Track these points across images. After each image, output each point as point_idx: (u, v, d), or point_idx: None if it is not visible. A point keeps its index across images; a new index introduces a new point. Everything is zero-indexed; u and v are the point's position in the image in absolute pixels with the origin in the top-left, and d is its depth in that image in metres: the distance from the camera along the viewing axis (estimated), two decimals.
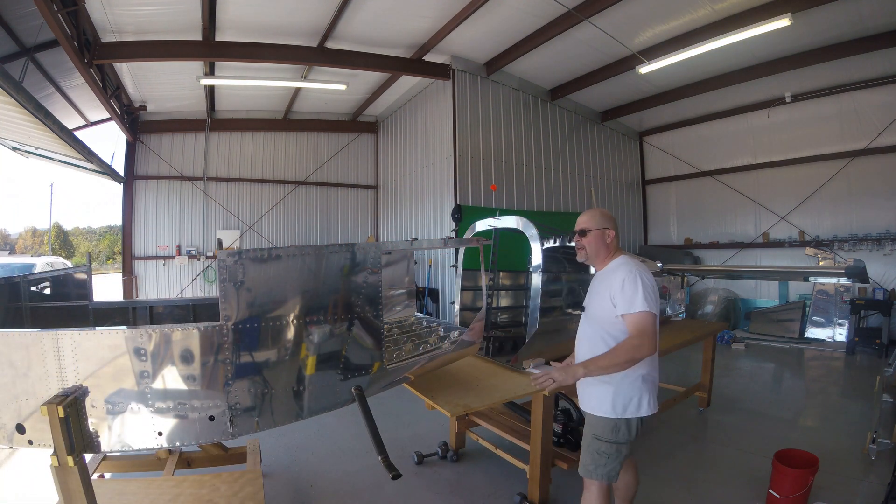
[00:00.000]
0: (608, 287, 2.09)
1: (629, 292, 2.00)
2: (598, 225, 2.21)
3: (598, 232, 2.21)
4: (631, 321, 2.00)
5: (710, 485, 3.25)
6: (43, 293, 3.58)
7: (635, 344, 1.97)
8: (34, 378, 1.73)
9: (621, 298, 2.01)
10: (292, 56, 7.09)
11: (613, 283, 2.06)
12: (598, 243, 2.21)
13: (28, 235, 40.00)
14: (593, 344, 2.13)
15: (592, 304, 2.21)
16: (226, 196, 10.16)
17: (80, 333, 1.72)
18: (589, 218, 2.25)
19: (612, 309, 2.05)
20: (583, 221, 2.24)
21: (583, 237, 2.21)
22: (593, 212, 2.29)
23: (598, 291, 2.17)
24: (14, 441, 1.79)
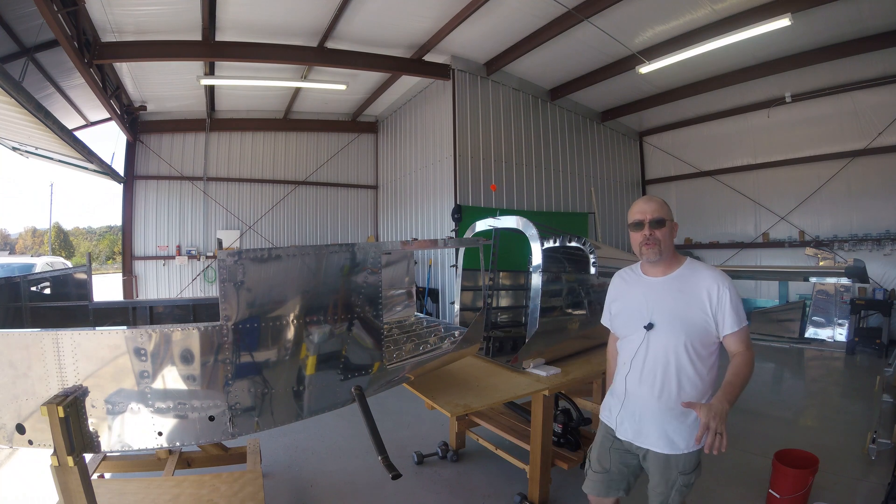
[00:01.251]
0: (695, 297, 1.75)
1: (737, 306, 1.72)
2: (670, 215, 1.82)
3: (673, 224, 1.84)
4: (741, 336, 1.74)
5: (710, 485, 3.25)
6: (43, 293, 3.58)
7: (752, 359, 1.74)
8: (34, 378, 1.73)
9: (732, 315, 1.71)
10: (292, 56, 7.09)
11: (702, 292, 1.74)
12: (671, 238, 1.83)
13: (28, 235, 40.01)
14: (670, 363, 1.76)
15: (668, 317, 1.77)
16: (226, 196, 10.16)
17: (80, 333, 1.72)
18: (659, 206, 1.83)
19: (707, 324, 1.73)
20: (653, 209, 1.81)
21: (657, 229, 1.79)
22: (657, 199, 1.87)
23: (674, 301, 1.78)
24: (14, 441, 1.79)
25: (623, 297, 1.96)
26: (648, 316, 1.80)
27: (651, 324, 1.78)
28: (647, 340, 1.79)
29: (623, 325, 1.93)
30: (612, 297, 2.04)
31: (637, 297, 1.87)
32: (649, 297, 1.83)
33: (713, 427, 1.52)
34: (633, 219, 1.84)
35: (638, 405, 1.82)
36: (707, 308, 1.73)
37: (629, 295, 1.92)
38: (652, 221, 1.80)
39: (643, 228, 1.80)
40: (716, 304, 1.72)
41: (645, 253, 1.82)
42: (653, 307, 1.80)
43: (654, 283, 1.85)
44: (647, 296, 1.84)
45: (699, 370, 1.75)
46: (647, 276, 1.88)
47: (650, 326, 1.78)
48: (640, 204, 1.84)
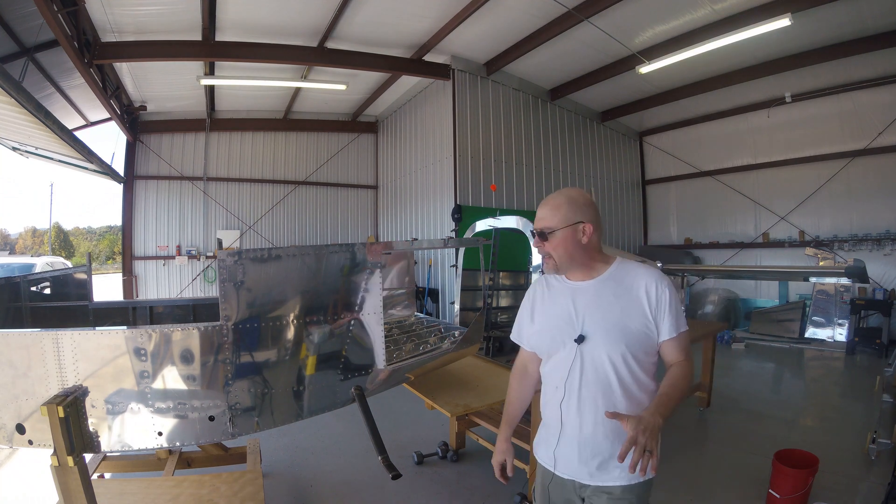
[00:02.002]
0: (632, 299, 1.50)
1: (676, 308, 1.50)
2: (566, 220, 1.50)
3: (568, 231, 1.50)
4: (681, 343, 1.53)
5: (710, 485, 3.25)
6: (43, 293, 3.58)
7: (691, 370, 1.54)
8: (34, 378, 1.73)
9: (671, 318, 1.48)
10: (292, 56, 7.09)
11: (639, 293, 1.49)
12: (570, 247, 1.51)
13: (28, 235, 40.02)
14: (611, 380, 1.48)
15: (602, 325, 1.50)
16: (226, 196, 10.16)
17: (80, 333, 1.72)
18: (551, 211, 1.53)
19: (648, 328, 1.49)
20: (542, 217, 1.54)
21: (545, 241, 1.52)
22: (557, 200, 1.54)
23: (609, 306, 1.51)
24: (14, 441, 1.79)
25: (546, 308, 1.61)
26: (579, 327, 1.50)
27: (582, 336, 1.48)
28: (579, 356, 1.49)
29: (549, 342, 1.57)
30: (530, 308, 1.67)
31: (564, 307, 1.54)
32: (578, 305, 1.52)
33: (641, 442, 1.28)
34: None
35: (580, 435, 1.50)
36: (647, 310, 1.48)
37: (554, 305, 1.58)
38: (538, 233, 1.53)
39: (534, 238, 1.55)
40: (655, 306, 1.49)
41: (543, 266, 1.58)
42: (583, 316, 1.50)
43: (582, 288, 1.55)
44: (575, 303, 1.53)
45: (645, 382, 1.51)
46: (573, 282, 1.57)
47: (581, 339, 1.48)
48: (539, 208, 1.57)
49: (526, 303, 1.69)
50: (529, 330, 1.66)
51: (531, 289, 1.71)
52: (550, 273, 1.57)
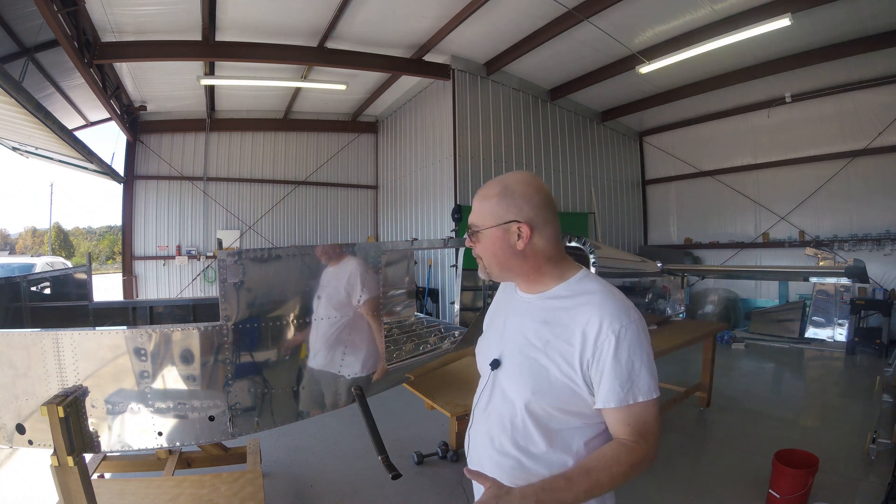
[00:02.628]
0: (559, 338, 1.07)
1: (627, 367, 1.03)
2: (494, 217, 1.11)
3: (497, 232, 1.11)
4: (630, 419, 1.07)
5: (710, 485, 3.25)
6: (43, 293, 3.58)
7: (637, 460, 1.07)
8: (34, 378, 1.73)
9: (612, 379, 1.02)
10: (292, 56, 7.09)
11: (573, 333, 1.05)
12: (501, 252, 1.13)
13: (28, 235, 40.03)
14: (517, 425, 1.11)
15: (516, 356, 1.14)
16: (226, 196, 10.16)
17: (80, 333, 1.72)
18: (479, 203, 1.15)
19: (570, 383, 1.06)
20: (473, 210, 1.17)
21: (474, 241, 1.17)
22: (489, 189, 1.14)
23: (532, 335, 1.12)
24: (14, 441, 1.79)
25: (491, 318, 1.34)
26: (500, 348, 1.18)
27: (497, 361, 1.17)
28: (492, 383, 1.18)
29: (479, 354, 1.30)
30: (487, 315, 1.38)
31: (500, 320, 1.25)
32: (509, 322, 1.21)
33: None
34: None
35: (477, 467, 1.23)
36: (574, 360, 1.04)
37: (499, 314, 1.29)
38: (468, 229, 1.18)
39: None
40: (590, 357, 1.03)
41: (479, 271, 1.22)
42: (507, 337, 1.18)
43: (522, 303, 1.20)
44: (507, 319, 1.22)
45: (559, 444, 1.08)
46: (520, 292, 1.22)
47: (496, 364, 1.17)
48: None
49: (489, 309, 1.39)
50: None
51: (496, 294, 1.39)
52: (482, 276, 1.22)
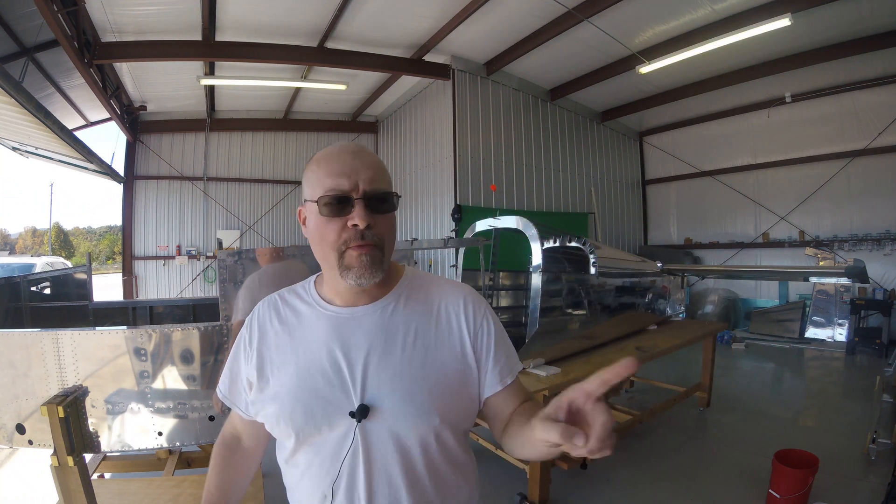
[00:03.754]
0: (446, 336, 0.93)
1: (507, 339, 1.00)
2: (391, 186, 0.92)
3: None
4: (520, 388, 0.99)
5: (710, 485, 3.25)
6: (43, 293, 3.58)
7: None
8: (34, 378, 1.73)
9: (501, 355, 0.96)
10: (292, 56, 7.08)
11: (453, 325, 0.94)
12: (393, 237, 0.93)
13: (28, 235, 40.04)
14: (418, 476, 0.88)
15: (401, 386, 0.87)
16: (226, 196, 10.16)
17: (80, 333, 1.72)
18: (382, 170, 0.91)
19: (469, 382, 0.94)
20: (369, 169, 0.88)
21: (379, 213, 0.88)
22: (370, 152, 0.92)
23: (409, 352, 0.90)
24: (14, 441, 1.79)
25: (287, 354, 0.93)
26: (356, 391, 0.86)
27: (365, 407, 0.85)
28: (358, 442, 0.85)
29: (301, 417, 0.87)
30: (253, 351, 0.96)
31: (322, 353, 0.90)
32: (352, 350, 0.89)
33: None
34: (326, 186, 0.85)
35: None
36: (467, 350, 0.93)
37: (303, 349, 0.92)
38: (370, 196, 0.85)
39: (349, 209, 0.85)
40: (479, 341, 0.94)
41: (354, 265, 0.85)
42: (363, 370, 0.88)
43: (356, 317, 0.92)
44: (344, 346, 0.89)
45: (463, 462, 0.97)
46: (338, 307, 0.93)
47: (364, 412, 0.85)
48: (342, 157, 0.87)
49: (242, 341, 0.98)
50: (257, 392, 0.93)
51: (251, 317, 0.99)
52: (369, 277, 0.86)
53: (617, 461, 3.50)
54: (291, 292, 1.01)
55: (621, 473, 3.38)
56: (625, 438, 3.79)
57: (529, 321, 3.36)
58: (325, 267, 0.92)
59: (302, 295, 0.99)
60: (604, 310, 3.91)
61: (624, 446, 3.71)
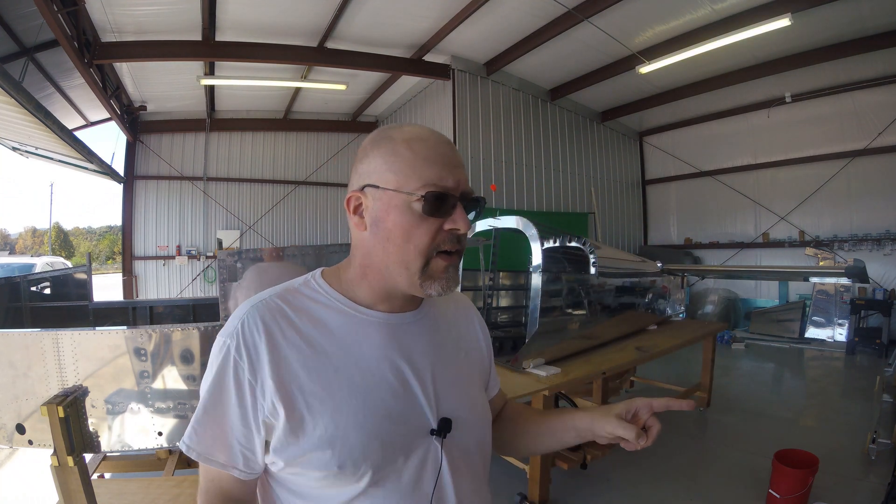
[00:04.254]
0: (471, 343, 0.93)
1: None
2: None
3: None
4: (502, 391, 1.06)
5: (710, 485, 3.25)
6: (43, 293, 3.58)
7: None
8: (34, 378, 1.73)
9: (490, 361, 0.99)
10: (292, 56, 7.09)
11: (476, 332, 0.96)
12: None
13: (28, 235, 40.04)
14: (482, 487, 0.90)
15: (464, 395, 0.84)
16: (226, 196, 10.16)
17: (80, 333, 1.72)
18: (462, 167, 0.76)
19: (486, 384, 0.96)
20: (462, 170, 0.76)
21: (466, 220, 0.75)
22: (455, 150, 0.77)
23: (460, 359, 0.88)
24: (14, 441, 1.79)
25: (328, 377, 0.73)
26: (433, 406, 0.77)
27: (447, 420, 0.77)
28: (444, 463, 0.77)
29: (375, 453, 0.71)
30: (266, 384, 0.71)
31: (384, 367, 0.76)
32: (419, 361, 0.79)
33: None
34: (427, 177, 0.71)
35: None
36: (486, 355, 0.97)
37: (354, 364, 0.75)
38: (467, 198, 0.75)
39: (449, 210, 0.73)
40: (490, 347, 0.98)
41: (441, 276, 0.74)
42: (434, 381, 0.79)
43: (412, 325, 0.81)
44: (410, 359, 0.78)
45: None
46: (384, 312, 0.79)
47: (447, 427, 0.77)
48: (441, 147, 0.74)
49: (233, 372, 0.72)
50: (288, 437, 0.71)
51: (238, 335, 0.72)
52: (454, 286, 0.76)
53: (617, 461, 3.50)
54: (296, 295, 0.78)
55: (621, 473, 3.38)
56: None
57: (529, 321, 3.36)
58: (396, 270, 0.73)
59: (317, 297, 0.78)
60: (604, 310, 3.91)
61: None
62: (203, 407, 0.73)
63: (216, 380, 0.72)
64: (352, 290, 0.79)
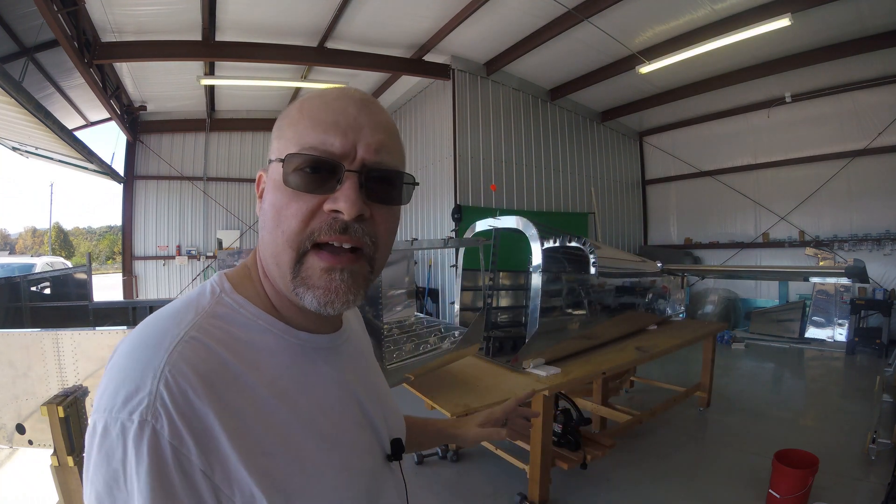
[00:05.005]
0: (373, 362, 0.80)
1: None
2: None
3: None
4: None
5: (710, 485, 3.25)
6: (43, 293, 3.58)
7: None
8: (34, 378, 1.73)
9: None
10: (292, 56, 7.09)
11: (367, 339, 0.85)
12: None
13: (28, 235, 40.04)
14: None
15: (395, 415, 0.77)
16: (226, 196, 10.16)
17: (80, 333, 1.72)
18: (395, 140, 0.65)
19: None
20: (384, 145, 0.59)
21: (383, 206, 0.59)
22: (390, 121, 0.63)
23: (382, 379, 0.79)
24: (14, 441, 1.79)
25: (291, 424, 0.54)
26: (383, 431, 0.70)
27: (399, 440, 0.72)
28: (403, 485, 0.73)
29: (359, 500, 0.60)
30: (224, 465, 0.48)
31: (343, 396, 0.64)
32: (360, 385, 0.68)
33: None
34: (305, 140, 0.55)
35: None
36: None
37: (315, 402, 0.59)
38: (372, 171, 0.57)
39: (334, 184, 0.54)
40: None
41: (318, 283, 0.55)
42: (381, 405, 0.72)
43: (344, 345, 0.68)
44: (353, 384, 0.66)
45: None
46: (314, 334, 0.63)
47: (400, 448, 0.71)
48: (340, 103, 0.57)
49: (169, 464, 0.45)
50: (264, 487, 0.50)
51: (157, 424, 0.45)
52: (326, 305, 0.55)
53: (617, 461, 3.50)
54: (215, 322, 0.55)
55: (621, 473, 3.38)
56: (625, 438, 3.79)
57: (529, 321, 3.36)
58: (272, 268, 0.58)
59: (241, 321, 0.57)
60: (604, 310, 3.91)
61: (624, 446, 3.71)
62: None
63: (155, 491, 0.45)
64: (271, 306, 0.60)
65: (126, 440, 0.45)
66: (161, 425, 0.45)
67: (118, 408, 0.46)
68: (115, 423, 0.46)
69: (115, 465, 0.45)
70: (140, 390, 0.46)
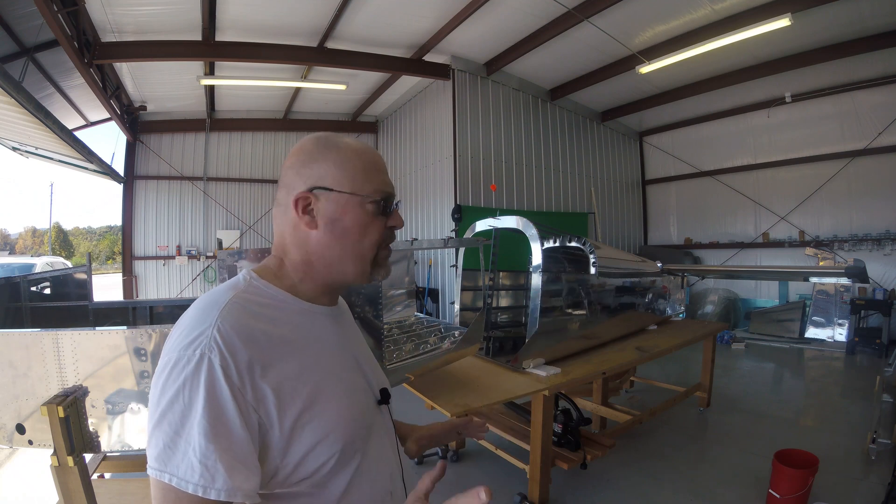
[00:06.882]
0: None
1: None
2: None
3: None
4: None
5: (710, 485, 3.25)
6: (43, 293, 3.58)
7: None
8: (34, 378, 1.73)
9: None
10: (292, 56, 7.09)
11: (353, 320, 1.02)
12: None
13: (28, 235, 40.04)
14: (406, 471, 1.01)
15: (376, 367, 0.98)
16: (226, 196, 10.16)
17: (80, 333, 1.72)
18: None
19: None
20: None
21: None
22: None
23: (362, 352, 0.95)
24: (14, 441, 1.79)
25: (309, 369, 0.77)
26: (371, 381, 0.91)
27: (385, 390, 0.94)
28: (391, 426, 0.95)
29: (357, 424, 0.82)
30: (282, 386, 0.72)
31: (342, 352, 0.87)
32: (355, 346, 0.92)
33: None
34: (377, 183, 0.84)
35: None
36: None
37: (325, 355, 0.82)
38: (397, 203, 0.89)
39: (389, 211, 0.86)
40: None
41: (384, 265, 0.88)
42: (368, 362, 0.94)
43: (342, 313, 0.94)
44: (350, 342, 0.90)
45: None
46: (325, 306, 0.87)
47: (387, 396, 0.93)
48: (377, 157, 0.87)
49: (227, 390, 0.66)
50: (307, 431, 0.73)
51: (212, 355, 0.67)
52: (385, 276, 0.89)
53: (617, 461, 3.51)
54: (249, 297, 0.76)
55: (621, 473, 3.39)
56: (625, 438, 3.79)
57: (529, 321, 3.36)
58: (351, 262, 0.83)
59: (267, 299, 0.78)
60: (604, 310, 3.91)
61: (624, 446, 3.71)
62: (204, 436, 0.64)
63: (209, 402, 0.64)
64: (294, 288, 0.84)
65: (190, 366, 0.66)
66: (214, 356, 0.67)
67: (185, 346, 0.68)
68: (184, 356, 0.67)
69: (181, 382, 0.66)
70: (201, 335, 0.68)
